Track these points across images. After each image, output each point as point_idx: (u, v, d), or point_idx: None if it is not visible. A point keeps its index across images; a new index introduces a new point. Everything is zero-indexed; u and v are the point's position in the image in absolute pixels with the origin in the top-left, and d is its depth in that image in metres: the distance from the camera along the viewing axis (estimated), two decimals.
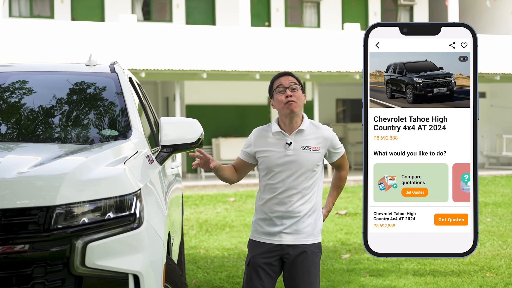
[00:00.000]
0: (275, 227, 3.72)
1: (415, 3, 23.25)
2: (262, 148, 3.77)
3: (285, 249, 3.73)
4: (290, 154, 3.71)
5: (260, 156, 3.78)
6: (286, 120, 3.74)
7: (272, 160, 3.73)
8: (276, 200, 3.72)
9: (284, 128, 3.76)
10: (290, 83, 3.72)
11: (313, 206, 3.76)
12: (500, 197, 13.21)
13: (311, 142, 3.74)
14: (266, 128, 3.82)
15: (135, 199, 3.02)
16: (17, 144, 3.73)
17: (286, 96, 3.69)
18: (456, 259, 7.07)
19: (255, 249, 3.78)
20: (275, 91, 3.74)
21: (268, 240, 3.74)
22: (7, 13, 19.19)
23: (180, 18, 20.83)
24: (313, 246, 3.75)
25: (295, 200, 3.71)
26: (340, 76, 17.93)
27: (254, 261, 3.76)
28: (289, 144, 3.72)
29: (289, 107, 3.68)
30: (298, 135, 3.74)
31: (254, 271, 3.76)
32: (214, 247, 8.18)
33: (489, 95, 22.54)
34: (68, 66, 4.63)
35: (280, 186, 3.71)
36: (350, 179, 17.47)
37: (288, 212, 3.70)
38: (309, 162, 3.71)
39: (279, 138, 3.76)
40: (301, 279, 3.74)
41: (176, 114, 17.30)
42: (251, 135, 3.85)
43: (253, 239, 3.81)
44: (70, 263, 2.83)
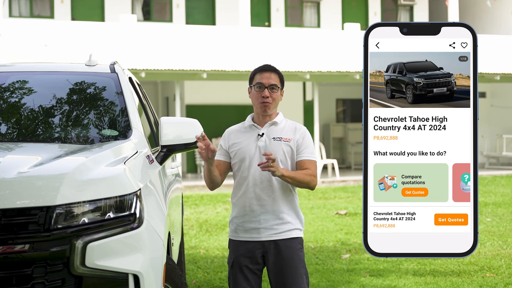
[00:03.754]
0: (252, 223, 3.72)
1: (415, 3, 23.24)
2: (235, 141, 3.80)
3: (265, 245, 3.72)
4: (262, 145, 3.73)
5: (232, 150, 3.80)
6: (260, 115, 3.79)
7: (244, 152, 3.75)
8: (250, 194, 3.72)
9: (258, 121, 3.81)
10: (270, 83, 3.75)
11: (289, 200, 3.75)
12: (500, 197, 13.21)
13: (283, 134, 3.76)
14: (239, 125, 3.88)
15: (135, 199, 3.02)
16: (17, 144, 3.73)
17: (263, 96, 3.72)
18: (456, 259, 7.07)
19: (237, 249, 3.77)
20: (254, 86, 3.77)
21: (248, 238, 3.74)
22: (7, 13, 19.19)
23: (180, 18, 20.82)
24: (294, 241, 3.75)
25: (269, 193, 3.70)
26: (340, 76, 17.92)
27: (238, 261, 3.77)
28: (261, 135, 3.76)
29: (263, 107, 3.74)
30: (271, 127, 3.78)
31: (240, 272, 3.76)
32: (214, 247, 8.18)
33: (489, 95, 22.54)
34: (68, 66, 4.63)
35: (252, 178, 3.70)
36: (350, 179, 17.48)
37: (263, 207, 3.70)
38: (280, 153, 3.72)
39: (251, 130, 3.80)
40: (287, 274, 3.73)
41: (176, 114, 17.30)
42: (224, 133, 3.88)
43: (232, 239, 3.81)
44: (70, 263, 2.83)
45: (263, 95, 3.73)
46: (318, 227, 9.66)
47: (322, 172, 18.69)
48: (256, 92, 3.76)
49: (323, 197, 13.74)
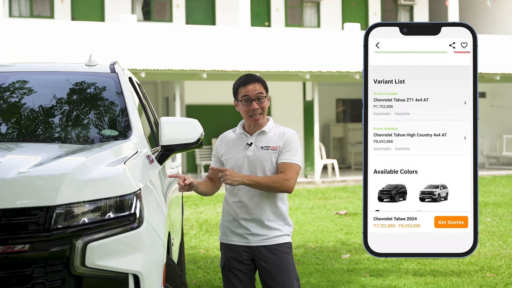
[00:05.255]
0: (241, 229, 3.75)
1: (415, 3, 23.24)
2: (226, 150, 3.82)
3: (254, 250, 3.75)
4: (250, 154, 3.74)
5: (224, 159, 3.82)
6: (251, 124, 3.78)
7: (234, 161, 3.77)
8: (238, 202, 3.75)
9: (248, 129, 3.81)
10: (257, 93, 3.72)
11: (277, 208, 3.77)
12: (500, 197, 13.21)
13: (271, 143, 3.75)
14: (231, 132, 3.88)
15: (135, 199, 3.02)
16: (17, 144, 3.73)
17: (252, 109, 3.71)
18: (456, 259, 7.07)
19: (228, 252, 3.81)
20: (241, 101, 3.74)
21: (237, 242, 3.77)
22: (7, 13, 19.19)
23: (180, 18, 20.82)
24: (283, 245, 3.76)
25: (256, 202, 3.72)
26: (340, 76, 17.92)
27: (229, 264, 3.80)
28: (250, 145, 3.76)
29: (254, 119, 3.73)
30: (260, 136, 3.78)
31: (232, 274, 3.80)
32: (214, 247, 8.18)
33: (489, 95, 22.54)
34: (68, 66, 4.63)
35: (241, 187, 3.71)
36: (350, 179, 17.48)
37: (251, 214, 3.72)
38: (268, 162, 3.73)
39: (241, 139, 3.81)
40: (279, 279, 3.74)
41: (176, 114, 17.30)
42: (218, 139, 3.90)
43: (223, 242, 3.84)
44: (70, 263, 2.83)
45: (252, 108, 3.71)
46: (318, 227, 9.66)
47: (322, 172, 18.70)
48: (244, 106, 3.74)
49: (323, 197, 13.74)
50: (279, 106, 19.24)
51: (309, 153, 18.14)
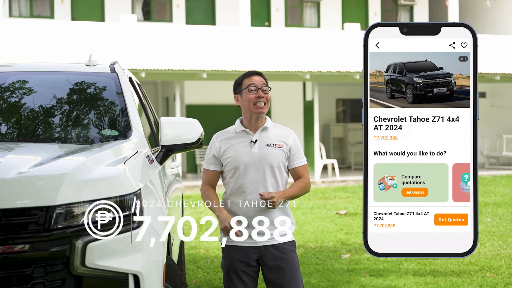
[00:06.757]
0: (249, 228, 3.71)
1: (415, 3, 23.24)
2: (227, 148, 3.79)
3: (261, 250, 3.73)
4: (256, 151, 3.74)
5: (225, 157, 3.79)
6: (252, 119, 3.78)
7: (239, 159, 3.75)
8: (246, 201, 3.73)
9: (249, 126, 3.80)
10: (262, 84, 3.78)
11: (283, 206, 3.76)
12: (500, 197, 13.21)
13: (275, 140, 3.78)
14: (226, 131, 3.86)
15: (135, 199, 3.03)
16: (17, 144, 3.73)
17: (258, 96, 3.72)
18: (456, 259, 7.07)
19: (232, 254, 3.77)
20: (247, 89, 3.77)
21: (245, 243, 3.75)
22: (7, 13, 19.19)
23: (180, 18, 20.82)
24: (289, 243, 3.78)
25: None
26: (340, 76, 17.92)
27: (233, 266, 3.77)
28: (254, 142, 3.76)
29: (259, 108, 3.74)
30: (263, 133, 3.78)
31: (236, 276, 3.77)
32: (214, 247, 8.18)
33: (489, 95, 22.54)
34: (68, 66, 4.63)
35: (248, 185, 3.72)
36: (350, 179, 17.48)
37: (257, 212, 3.71)
38: (275, 159, 3.74)
39: (243, 136, 3.80)
40: (287, 277, 3.74)
41: (176, 114, 17.29)
42: (212, 140, 3.86)
43: (227, 244, 3.79)
44: (70, 263, 2.83)
45: (258, 95, 3.73)
46: (318, 227, 9.66)
47: (322, 172, 18.69)
48: (250, 94, 3.75)
49: (323, 197, 13.74)
50: (279, 106, 19.24)
51: (309, 153, 18.14)
